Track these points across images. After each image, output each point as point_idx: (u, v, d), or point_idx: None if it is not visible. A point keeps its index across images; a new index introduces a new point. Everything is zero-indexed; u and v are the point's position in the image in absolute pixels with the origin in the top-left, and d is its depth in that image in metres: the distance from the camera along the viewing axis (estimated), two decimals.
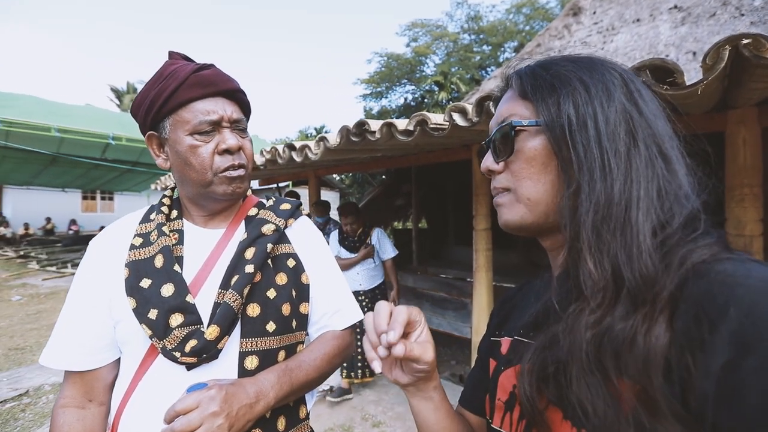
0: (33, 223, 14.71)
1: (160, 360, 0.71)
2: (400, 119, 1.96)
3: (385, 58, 18.09)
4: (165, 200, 0.84)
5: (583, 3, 4.70)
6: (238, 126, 0.78)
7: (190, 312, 0.70)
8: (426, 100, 17.42)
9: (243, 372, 0.72)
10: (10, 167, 8.89)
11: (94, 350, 0.74)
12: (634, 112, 0.41)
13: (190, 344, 0.68)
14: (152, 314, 0.69)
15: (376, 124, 1.98)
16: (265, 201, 0.90)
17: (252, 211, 0.85)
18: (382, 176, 8.16)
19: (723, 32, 3.07)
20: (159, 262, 0.73)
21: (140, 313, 0.69)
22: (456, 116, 1.71)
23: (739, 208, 1.65)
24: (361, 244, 3.20)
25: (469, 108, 1.65)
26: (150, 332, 0.69)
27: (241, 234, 0.81)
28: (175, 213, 0.83)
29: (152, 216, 0.81)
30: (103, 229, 1.07)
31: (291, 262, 0.83)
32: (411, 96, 18.83)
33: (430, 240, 6.64)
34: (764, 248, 1.70)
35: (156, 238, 0.76)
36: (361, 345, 0.58)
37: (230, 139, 0.75)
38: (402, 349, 0.45)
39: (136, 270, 0.73)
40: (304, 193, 4.89)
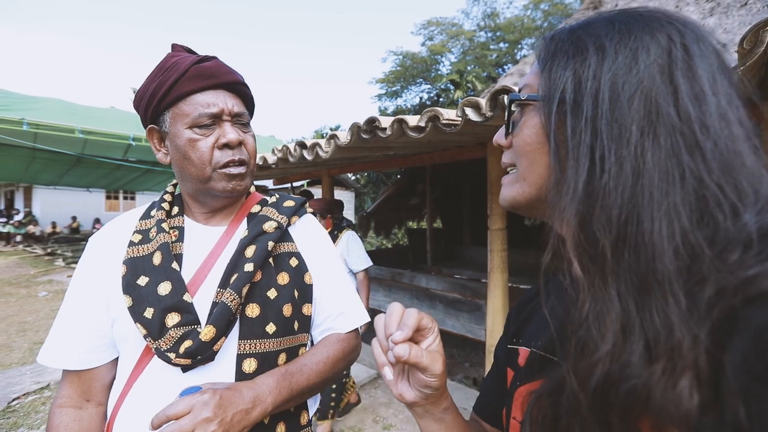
0: (60, 222, 15.27)
1: (155, 361, 0.68)
2: (411, 116, 1.91)
3: (401, 57, 18.03)
4: (166, 196, 0.82)
5: None
6: (240, 120, 0.75)
7: (187, 311, 0.67)
8: (441, 99, 17.27)
9: (241, 375, 0.69)
10: (39, 168, 9.22)
11: (91, 349, 0.72)
12: (664, 88, 0.32)
13: (185, 345, 0.65)
14: (148, 313, 0.66)
15: (387, 121, 1.93)
16: (268, 198, 0.87)
17: (255, 208, 0.83)
18: (397, 176, 8.11)
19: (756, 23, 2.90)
20: (157, 259, 0.71)
21: (136, 311, 0.67)
22: (469, 111, 1.65)
23: None
24: None
25: (483, 102, 1.59)
26: (145, 332, 0.66)
27: (242, 231, 0.78)
28: (176, 209, 0.80)
29: (153, 212, 0.79)
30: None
31: (293, 262, 0.79)
32: (426, 95, 18.72)
33: (444, 240, 6.56)
34: None
35: (155, 235, 0.74)
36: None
37: (230, 133, 0.72)
38: (406, 349, 0.40)
39: (133, 267, 0.71)
40: (318, 192, 4.89)
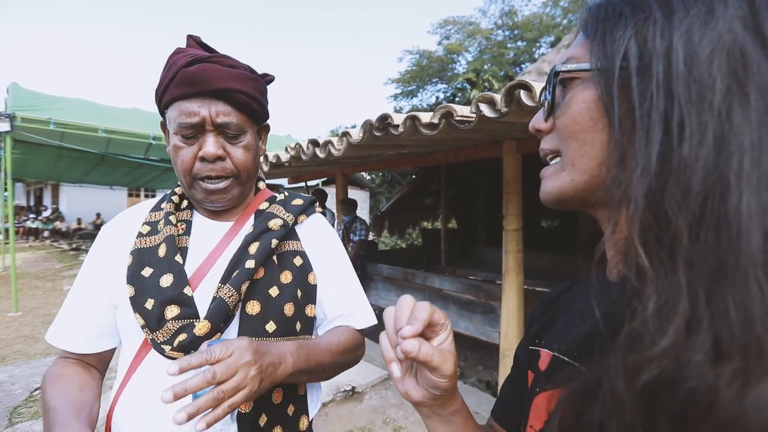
0: (85, 218, 15.81)
1: (153, 353, 0.68)
2: (424, 112, 1.88)
3: (417, 56, 17.94)
4: (177, 189, 0.82)
5: None
6: (226, 131, 0.70)
7: (186, 305, 0.67)
8: (458, 99, 17.11)
9: None
10: (65, 166, 9.55)
11: (92, 336, 0.73)
12: (751, 41, 0.26)
13: (179, 338, 0.64)
14: (149, 304, 0.66)
15: (400, 118, 1.90)
16: (278, 195, 0.87)
17: (263, 205, 0.82)
18: (412, 176, 8.06)
19: None
20: (162, 251, 0.71)
21: (137, 302, 0.67)
22: (484, 107, 1.60)
23: None
24: None
25: (498, 98, 1.54)
26: (143, 322, 0.66)
27: (248, 228, 0.78)
28: (185, 203, 0.81)
29: (163, 205, 0.79)
30: None
31: (298, 261, 0.78)
32: (443, 95, 18.56)
33: (459, 240, 6.48)
34: None
35: (162, 227, 0.74)
36: None
37: (209, 146, 0.68)
38: (415, 345, 0.36)
39: (139, 258, 0.71)
40: (333, 191, 4.89)
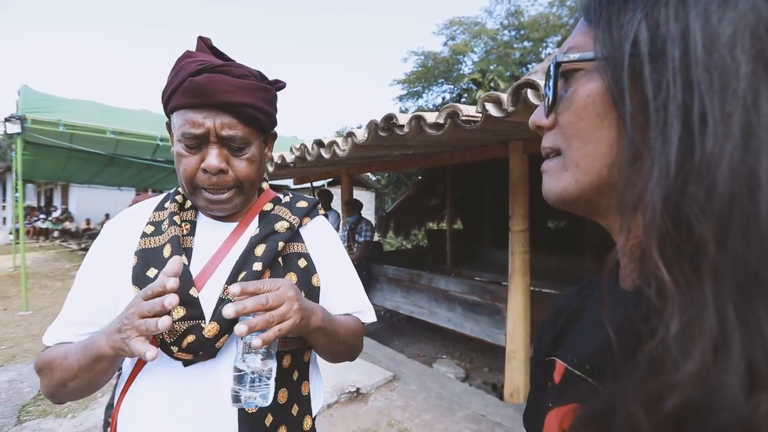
0: (94, 219, 15.99)
1: (158, 353, 0.67)
2: (429, 112, 1.87)
3: (422, 57, 17.91)
4: (181, 189, 0.81)
5: None
6: (231, 143, 0.69)
7: (192, 306, 0.66)
8: (464, 99, 17.06)
9: None
10: (75, 167, 9.66)
11: (94, 332, 0.70)
12: None
13: (188, 340, 0.64)
14: None
15: (405, 118, 1.89)
16: (281, 196, 0.86)
17: (267, 206, 0.82)
18: (418, 177, 8.04)
19: None
20: (167, 252, 0.70)
21: None
22: (490, 106, 1.59)
23: None
24: None
25: (504, 97, 1.53)
26: None
27: (253, 229, 0.77)
28: (189, 203, 0.80)
29: (167, 204, 0.79)
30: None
31: (302, 262, 0.78)
32: (449, 95, 18.52)
33: (464, 241, 6.45)
34: None
35: (167, 227, 0.74)
36: None
37: (212, 159, 0.68)
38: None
39: (144, 259, 0.71)
40: (338, 192, 4.89)
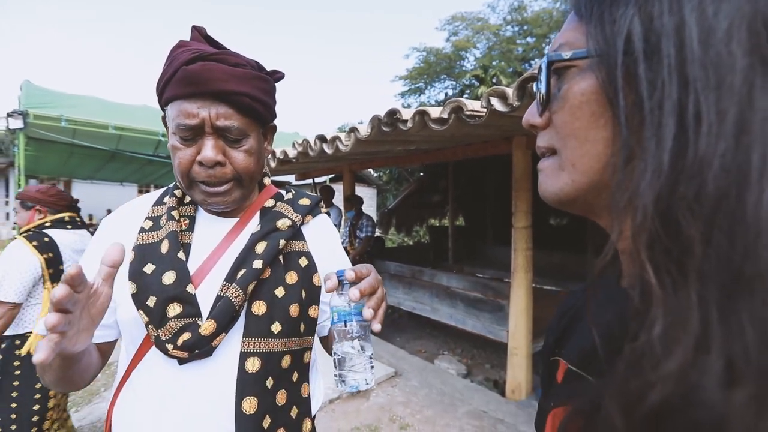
0: (96, 214, 16.03)
1: (154, 350, 0.67)
2: (433, 107, 1.85)
3: (424, 53, 17.82)
4: (179, 185, 0.80)
5: None
6: (227, 134, 0.66)
7: (189, 303, 0.65)
8: (466, 95, 16.98)
9: (243, 374, 0.66)
10: (77, 163, 9.66)
11: None
12: None
13: (183, 337, 0.63)
14: (150, 302, 0.65)
15: (408, 113, 1.88)
16: (284, 193, 0.84)
17: (269, 203, 0.79)
18: (420, 173, 8.01)
19: None
20: (164, 248, 0.69)
21: (139, 299, 0.66)
22: (494, 101, 1.57)
23: None
24: None
25: (510, 92, 1.51)
26: (146, 319, 0.65)
27: (254, 226, 0.75)
28: (188, 198, 0.78)
29: (166, 199, 0.77)
30: None
31: (303, 261, 0.76)
32: (451, 91, 18.43)
33: (467, 238, 6.43)
34: None
35: (165, 222, 0.72)
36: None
37: (207, 151, 0.65)
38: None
39: (141, 254, 0.69)
40: (340, 188, 4.88)
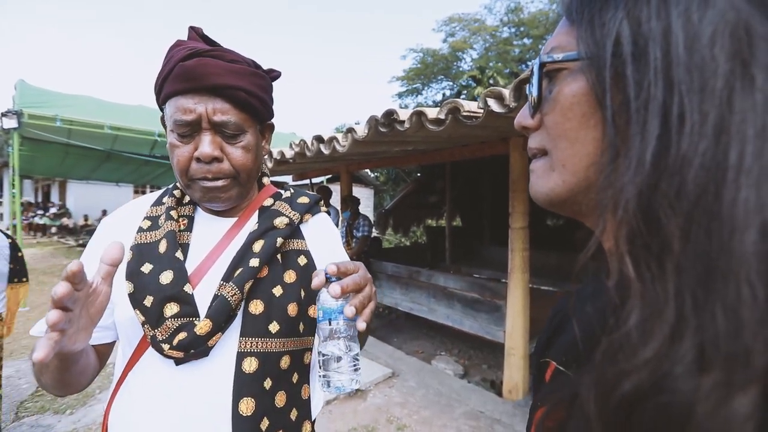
0: (91, 215, 15.92)
1: (151, 351, 0.66)
2: (430, 108, 1.85)
3: (421, 54, 17.85)
4: (179, 183, 0.80)
5: None
6: (224, 130, 0.67)
7: (186, 302, 0.65)
8: (463, 96, 17.03)
9: (240, 374, 0.65)
10: (72, 163, 9.61)
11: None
12: (758, 15, 0.24)
13: (179, 337, 0.62)
14: (147, 301, 0.65)
15: (405, 114, 1.88)
16: (282, 192, 0.84)
17: (267, 202, 0.80)
18: (417, 173, 8.02)
19: None
20: (162, 247, 0.69)
21: (136, 299, 0.65)
22: (491, 102, 1.57)
23: None
24: None
25: (507, 93, 1.51)
26: (143, 318, 0.65)
27: (252, 225, 0.75)
28: (187, 198, 0.78)
29: (165, 199, 0.77)
30: None
31: (302, 260, 0.76)
32: (448, 92, 18.48)
33: (464, 238, 6.45)
34: None
35: (163, 222, 0.72)
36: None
37: (204, 146, 0.65)
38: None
39: (139, 254, 0.69)
40: (337, 189, 4.87)
